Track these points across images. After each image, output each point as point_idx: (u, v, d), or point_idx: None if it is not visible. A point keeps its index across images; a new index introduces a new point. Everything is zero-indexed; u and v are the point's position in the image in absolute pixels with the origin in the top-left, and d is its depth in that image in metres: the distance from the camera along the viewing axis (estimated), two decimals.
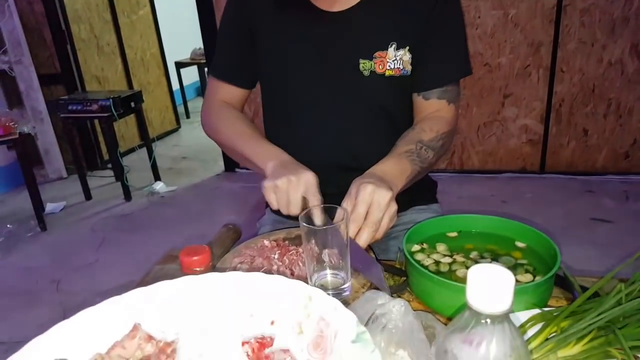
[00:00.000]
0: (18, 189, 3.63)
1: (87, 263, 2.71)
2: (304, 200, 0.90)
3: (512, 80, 3.16)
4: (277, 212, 1.24)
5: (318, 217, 0.80)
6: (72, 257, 2.81)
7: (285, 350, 0.49)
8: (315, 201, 0.88)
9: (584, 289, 0.74)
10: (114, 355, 0.51)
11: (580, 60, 3.03)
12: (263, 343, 0.49)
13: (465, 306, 0.43)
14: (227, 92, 1.17)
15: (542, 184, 3.28)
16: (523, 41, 3.05)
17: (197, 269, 0.64)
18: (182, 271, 0.64)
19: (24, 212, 3.26)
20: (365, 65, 1.04)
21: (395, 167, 0.97)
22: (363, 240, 0.83)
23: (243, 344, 0.50)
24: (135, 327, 0.53)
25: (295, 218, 0.82)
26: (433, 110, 1.08)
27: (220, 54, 1.17)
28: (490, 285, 0.40)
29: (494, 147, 3.37)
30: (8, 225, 3.16)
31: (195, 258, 0.64)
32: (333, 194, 0.92)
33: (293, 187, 0.89)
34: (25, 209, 3.23)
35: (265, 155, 1.01)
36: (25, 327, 2.13)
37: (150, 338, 0.52)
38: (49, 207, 3.38)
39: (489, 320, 0.41)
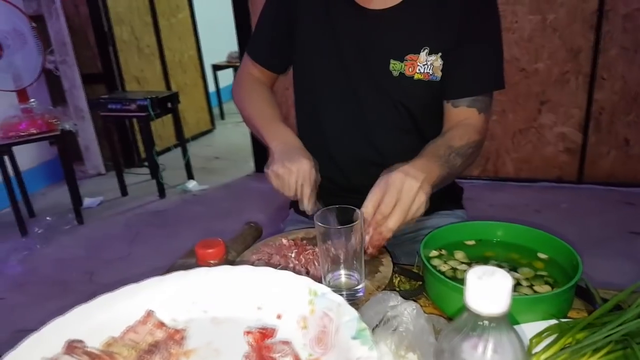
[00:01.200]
0: (58, 183, 3.76)
1: (120, 256, 2.79)
2: (300, 187, 0.96)
3: (550, 87, 3.08)
4: (300, 213, 1.26)
5: (326, 219, 0.80)
6: (106, 250, 2.90)
7: (286, 342, 0.50)
8: (307, 189, 0.95)
9: (606, 301, 0.72)
10: (127, 339, 0.53)
11: (622, 67, 2.93)
12: (265, 333, 0.50)
13: (461, 311, 0.43)
14: (259, 71, 1.22)
15: (579, 195, 3.18)
16: (561, 47, 2.97)
17: (212, 261, 0.66)
18: (197, 263, 0.66)
19: (63, 205, 3.38)
20: (395, 66, 1.05)
21: (425, 167, 0.96)
22: (391, 225, 0.83)
23: (246, 333, 0.51)
24: (148, 314, 0.55)
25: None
26: (462, 118, 1.06)
27: (258, 36, 1.21)
28: (488, 287, 0.40)
29: (529, 154, 3.29)
30: (47, 218, 3.27)
31: (209, 251, 0.66)
32: (357, 186, 0.92)
33: (290, 174, 0.95)
34: (64, 202, 3.34)
35: (273, 135, 1.06)
36: (58, 316, 2.21)
37: (161, 325, 0.54)
38: (87, 201, 3.49)
39: (486, 322, 0.41)
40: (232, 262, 0.83)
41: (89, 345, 0.53)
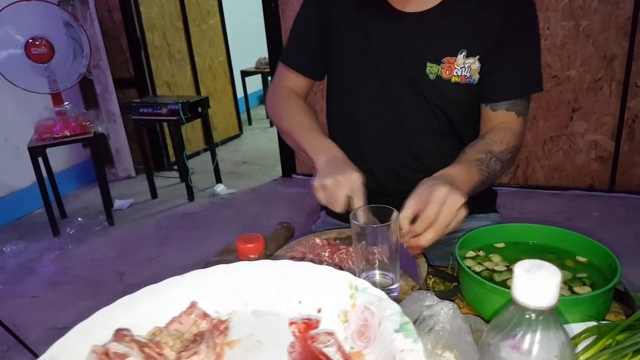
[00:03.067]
0: (90, 185, 3.86)
1: (150, 257, 2.85)
2: (350, 199, 0.91)
3: (582, 94, 3.03)
4: (332, 215, 1.27)
5: (362, 218, 0.80)
6: (136, 251, 2.95)
7: (330, 333, 0.51)
8: (358, 202, 0.89)
9: None
10: (172, 329, 0.55)
11: None
12: (309, 324, 0.51)
13: (508, 304, 0.43)
14: (294, 81, 1.20)
15: (611, 203, 3.11)
16: (595, 53, 2.92)
17: (252, 255, 0.67)
18: (238, 257, 0.67)
19: (94, 207, 3.46)
20: (432, 68, 1.04)
21: (464, 174, 0.95)
22: (427, 240, 0.83)
23: (291, 323, 0.52)
24: (193, 305, 0.56)
25: (348, 220, 0.85)
26: (501, 122, 1.06)
27: (293, 43, 1.21)
28: (536, 280, 0.40)
29: (560, 162, 3.24)
30: (79, 219, 3.35)
31: (250, 245, 0.68)
32: (389, 190, 0.93)
33: (339, 187, 0.90)
34: (96, 204, 3.43)
35: (318, 149, 1.03)
36: (89, 314, 2.23)
37: (205, 315, 0.55)
38: (117, 203, 3.56)
39: (533, 315, 0.41)
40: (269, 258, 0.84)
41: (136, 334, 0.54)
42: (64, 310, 2.37)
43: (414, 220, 0.84)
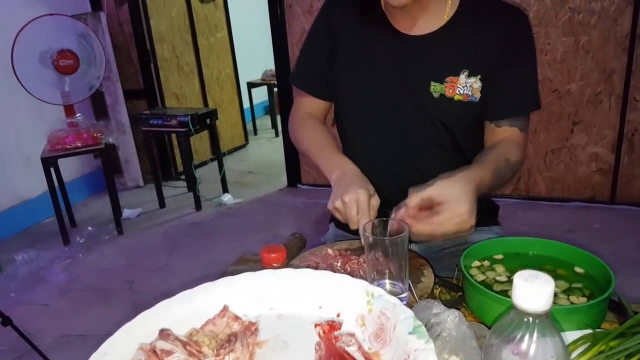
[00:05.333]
0: (99, 195, 3.92)
1: (158, 266, 2.90)
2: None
3: (582, 107, 3.09)
4: (342, 227, 1.32)
5: (373, 231, 0.85)
6: (145, 259, 3.00)
7: (351, 334, 0.57)
8: (364, 219, 0.93)
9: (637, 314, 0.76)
10: (207, 330, 0.61)
11: None
12: (333, 325, 0.57)
13: (509, 310, 0.49)
14: (309, 104, 1.27)
15: (612, 215, 3.16)
16: (594, 68, 2.99)
17: (275, 264, 0.73)
18: (262, 265, 0.73)
19: (104, 216, 3.51)
20: (435, 87, 1.10)
21: (486, 179, 0.98)
22: (418, 229, 0.86)
23: (315, 325, 0.58)
24: (225, 308, 0.62)
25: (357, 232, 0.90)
26: (505, 136, 1.12)
27: (302, 65, 1.27)
28: (532, 288, 0.46)
29: (561, 174, 3.29)
30: (89, 228, 3.40)
31: (273, 255, 0.73)
32: (392, 202, 0.97)
33: (348, 208, 0.95)
34: (105, 213, 3.48)
35: (331, 166, 1.09)
36: (99, 322, 2.30)
37: (236, 318, 0.62)
38: (126, 212, 3.62)
39: (531, 319, 0.47)
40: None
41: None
42: (75, 318, 2.42)
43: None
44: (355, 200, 0.95)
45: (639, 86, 2.94)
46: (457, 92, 1.09)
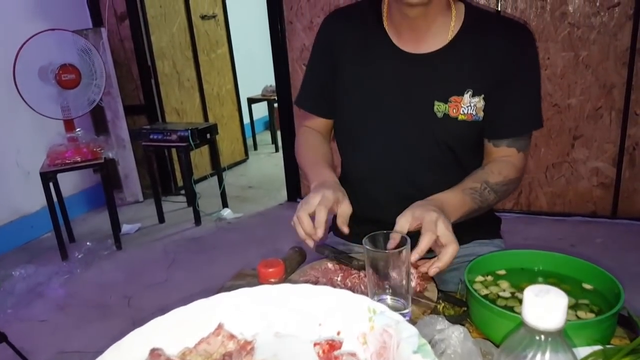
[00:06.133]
0: (98, 210, 3.90)
1: (157, 282, 2.87)
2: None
3: (583, 122, 3.09)
4: (340, 235, 1.30)
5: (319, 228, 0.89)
6: (144, 275, 2.97)
7: (353, 354, 0.54)
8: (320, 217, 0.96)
9: None
10: (200, 349, 0.58)
11: None
12: (333, 345, 0.55)
13: (518, 327, 0.47)
14: (311, 120, 1.28)
15: (614, 229, 3.13)
16: (594, 83, 2.99)
17: (272, 279, 0.71)
18: (259, 281, 0.71)
19: (103, 231, 3.49)
20: (439, 107, 1.09)
21: (456, 200, 1.02)
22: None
23: (315, 344, 0.55)
24: (220, 326, 0.60)
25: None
26: (502, 155, 1.12)
27: (304, 86, 1.28)
28: (544, 304, 0.44)
29: (563, 188, 3.28)
30: (88, 243, 3.37)
31: (271, 270, 0.71)
32: (391, 220, 0.96)
33: (300, 221, 1.00)
34: (104, 228, 3.46)
35: (313, 178, 1.11)
36: (97, 338, 2.28)
37: (232, 337, 0.59)
38: (125, 227, 3.59)
39: (542, 337, 0.45)
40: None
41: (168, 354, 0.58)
42: (72, 334, 2.39)
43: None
44: (312, 204, 0.97)
45: (639, 100, 2.94)
46: (462, 112, 1.08)
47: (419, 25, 1.06)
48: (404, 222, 0.90)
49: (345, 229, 1.00)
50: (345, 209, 1.00)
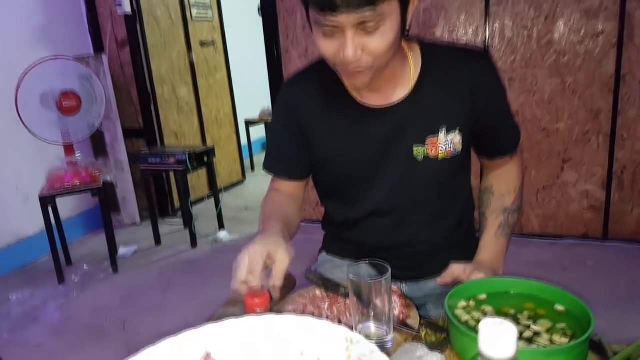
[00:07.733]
0: (96, 232, 3.93)
1: (153, 305, 2.88)
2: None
3: (571, 145, 3.16)
4: (333, 253, 1.33)
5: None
6: (139, 298, 2.98)
7: None
8: (239, 271, 0.96)
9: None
10: None
11: None
12: None
13: (475, 357, 0.51)
14: (281, 183, 1.23)
15: (605, 252, 3.17)
16: (581, 107, 3.07)
17: (258, 309, 0.75)
18: (246, 311, 0.76)
19: (99, 254, 3.51)
20: (418, 150, 1.09)
21: (496, 250, 1.13)
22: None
23: None
24: (207, 355, 0.64)
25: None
26: (500, 164, 1.20)
27: (271, 153, 1.24)
28: (497, 336, 0.48)
29: (554, 211, 3.33)
30: (84, 266, 3.39)
31: (257, 300, 0.76)
32: (383, 252, 1.01)
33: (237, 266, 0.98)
34: (101, 251, 3.48)
35: (260, 230, 1.09)
36: None
37: None
38: (122, 250, 3.60)
39: None
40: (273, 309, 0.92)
41: None
42: (68, 359, 2.40)
43: None
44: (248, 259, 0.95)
45: (626, 124, 3.01)
46: (440, 150, 1.09)
47: (378, 85, 1.06)
48: (458, 272, 1.05)
49: (276, 293, 0.93)
50: (280, 266, 0.95)
